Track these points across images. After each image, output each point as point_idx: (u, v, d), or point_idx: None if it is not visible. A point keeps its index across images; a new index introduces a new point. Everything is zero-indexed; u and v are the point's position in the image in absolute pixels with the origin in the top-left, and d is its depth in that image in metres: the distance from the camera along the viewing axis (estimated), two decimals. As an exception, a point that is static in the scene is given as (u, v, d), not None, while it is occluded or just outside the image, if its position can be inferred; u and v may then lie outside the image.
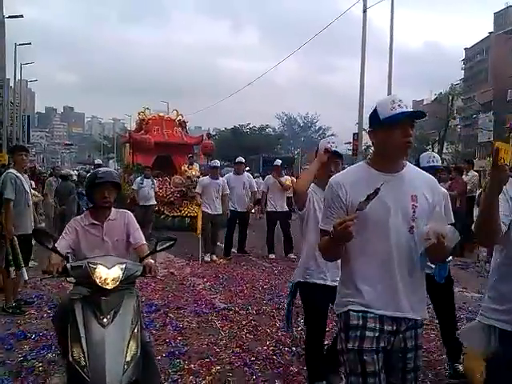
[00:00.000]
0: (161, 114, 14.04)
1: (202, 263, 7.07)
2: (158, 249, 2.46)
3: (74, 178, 10.88)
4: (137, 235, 2.71)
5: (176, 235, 2.74)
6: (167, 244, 2.48)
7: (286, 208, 7.82)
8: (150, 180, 9.56)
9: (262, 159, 27.99)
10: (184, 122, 13.68)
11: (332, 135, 60.42)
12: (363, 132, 16.65)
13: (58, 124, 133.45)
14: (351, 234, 1.67)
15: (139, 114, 13.53)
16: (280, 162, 8.16)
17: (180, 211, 10.87)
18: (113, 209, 2.72)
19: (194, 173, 11.34)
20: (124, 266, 2.31)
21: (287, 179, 8.23)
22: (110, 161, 52.41)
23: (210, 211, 7.31)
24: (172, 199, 11.05)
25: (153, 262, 2.47)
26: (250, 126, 47.19)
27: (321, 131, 63.38)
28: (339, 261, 1.91)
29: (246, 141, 40.74)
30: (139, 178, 9.66)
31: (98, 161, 15.34)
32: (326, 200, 1.87)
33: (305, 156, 59.85)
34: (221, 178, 7.57)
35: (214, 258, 7.31)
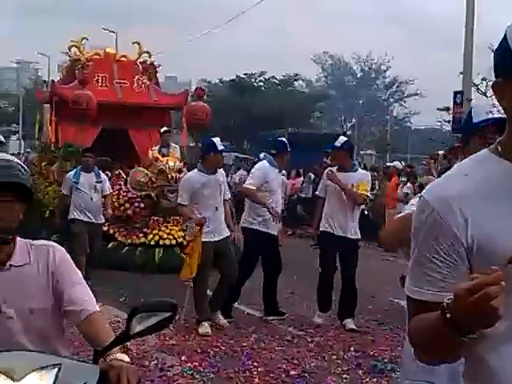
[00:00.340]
0: (109, 51, 13.69)
1: (178, 328, 7.11)
2: (135, 330, 2.05)
3: None
4: (79, 295, 2.39)
5: (137, 278, 2.62)
6: (157, 319, 2.09)
7: (355, 233, 7.47)
8: (92, 175, 9.29)
9: (287, 138, 27.04)
10: (153, 65, 13.58)
11: (415, 95, 61.10)
12: (471, 90, 16.56)
13: None
14: (496, 310, 1.43)
15: (69, 49, 13.35)
16: (344, 139, 7.70)
17: (145, 236, 10.62)
18: (19, 241, 2.43)
19: (171, 163, 10.88)
20: (53, 372, 1.90)
21: (361, 181, 7.52)
22: (13, 137, 52.72)
23: (212, 237, 7.20)
24: (129, 213, 10.77)
25: (126, 359, 2.10)
26: (266, 76, 47.25)
27: (394, 87, 63.14)
28: None
29: (259, 103, 40.78)
30: (72, 173, 9.37)
31: None
32: (419, 236, 1.70)
33: (364, 137, 59.67)
34: (220, 171, 7.53)
35: (221, 320, 7.32)
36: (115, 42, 29.84)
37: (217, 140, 7.41)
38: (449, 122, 43.53)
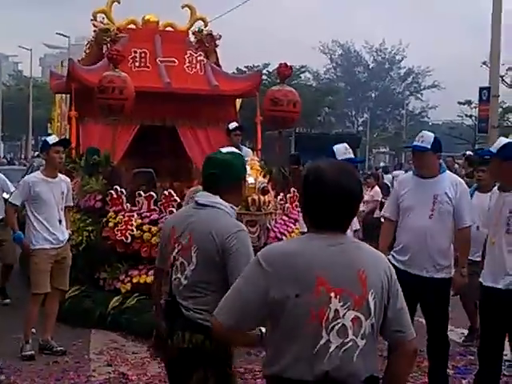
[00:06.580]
0: (150, 18, 11.17)
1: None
2: None
3: None
4: None
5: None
6: None
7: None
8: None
9: (294, 139, 27.25)
10: (212, 36, 10.86)
11: (433, 87, 60.84)
12: (499, 81, 16.57)
13: None
14: None
15: (94, 17, 10.71)
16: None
17: None
18: None
19: (251, 179, 7.34)
20: None
21: None
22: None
23: None
24: None
25: None
26: (270, 68, 47.33)
27: (410, 78, 62.83)
28: None
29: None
30: None
31: None
32: None
33: (377, 134, 59.56)
34: None
35: None
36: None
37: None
38: (471, 116, 43.62)
